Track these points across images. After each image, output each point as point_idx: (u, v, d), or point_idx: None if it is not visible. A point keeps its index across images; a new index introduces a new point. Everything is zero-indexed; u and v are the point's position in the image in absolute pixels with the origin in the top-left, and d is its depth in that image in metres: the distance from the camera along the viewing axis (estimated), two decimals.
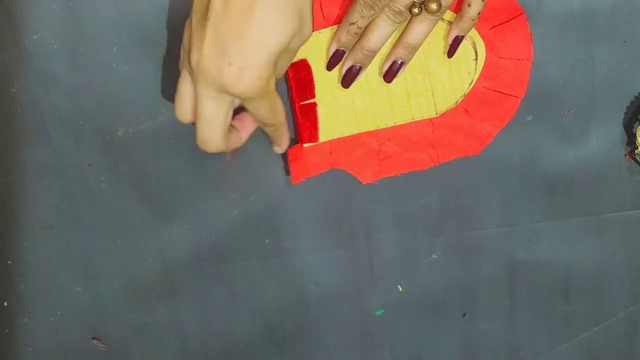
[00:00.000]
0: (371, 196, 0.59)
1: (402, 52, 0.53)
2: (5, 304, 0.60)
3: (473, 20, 0.51)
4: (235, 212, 0.58)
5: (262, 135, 0.56)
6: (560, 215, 0.61)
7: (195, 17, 0.46)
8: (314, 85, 0.54)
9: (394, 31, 0.51)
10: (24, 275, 0.59)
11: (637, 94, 0.58)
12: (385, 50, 0.53)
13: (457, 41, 0.53)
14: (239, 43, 0.44)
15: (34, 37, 0.53)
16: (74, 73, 0.54)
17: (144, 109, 0.55)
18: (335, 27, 0.53)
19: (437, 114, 0.56)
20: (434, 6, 0.49)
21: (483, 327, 0.63)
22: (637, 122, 0.58)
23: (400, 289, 0.62)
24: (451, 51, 0.54)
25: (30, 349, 0.61)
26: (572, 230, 0.61)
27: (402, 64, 0.53)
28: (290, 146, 0.56)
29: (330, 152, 0.56)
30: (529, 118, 0.58)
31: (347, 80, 0.54)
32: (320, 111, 0.55)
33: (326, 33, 0.53)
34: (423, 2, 0.49)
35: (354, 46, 0.52)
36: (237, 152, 0.57)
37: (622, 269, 0.62)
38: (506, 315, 0.63)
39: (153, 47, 0.54)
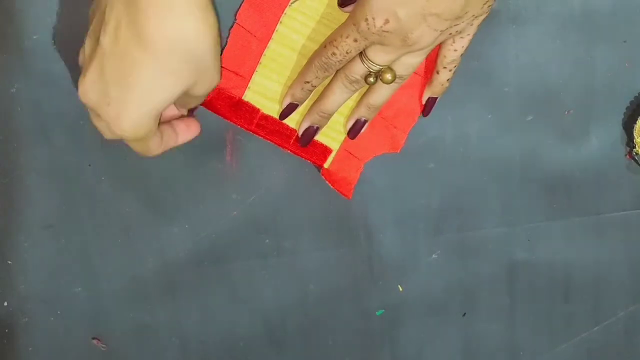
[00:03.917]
0: (371, 196, 0.59)
1: (365, 111, 0.54)
2: (5, 303, 0.60)
3: (442, 85, 0.53)
4: (235, 212, 0.58)
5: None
6: (560, 215, 0.61)
7: (89, 38, 0.45)
8: (284, 124, 0.55)
9: (349, 97, 0.53)
10: (24, 275, 0.59)
11: (636, 94, 0.58)
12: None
13: (432, 101, 0.55)
14: (120, 91, 0.42)
15: (34, 37, 0.53)
16: (74, 73, 0.53)
17: None
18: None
19: None
20: (388, 76, 0.50)
21: (483, 327, 0.63)
22: (637, 122, 0.58)
23: (401, 289, 0.62)
24: (426, 110, 0.55)
25: (30, 348, 0.61)
26: (572, 230, 0.61)
27: (365, 121, 0.55)
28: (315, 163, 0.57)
29: (350, 153, 0.57)
30: (529, 118, 0.58)
31: (305, 139, 0.55)
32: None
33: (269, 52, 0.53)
34: (378, 72, 0.50)
35: (311, 108, 0.54)
36: (237, 152, 0.57)
37: (621, 269, 0.62)
38: (506, 315, 0.63)
39: None
